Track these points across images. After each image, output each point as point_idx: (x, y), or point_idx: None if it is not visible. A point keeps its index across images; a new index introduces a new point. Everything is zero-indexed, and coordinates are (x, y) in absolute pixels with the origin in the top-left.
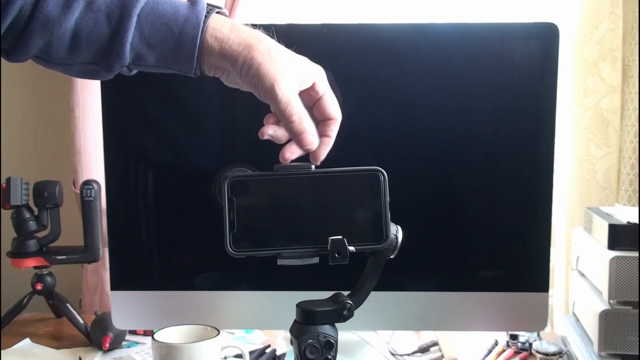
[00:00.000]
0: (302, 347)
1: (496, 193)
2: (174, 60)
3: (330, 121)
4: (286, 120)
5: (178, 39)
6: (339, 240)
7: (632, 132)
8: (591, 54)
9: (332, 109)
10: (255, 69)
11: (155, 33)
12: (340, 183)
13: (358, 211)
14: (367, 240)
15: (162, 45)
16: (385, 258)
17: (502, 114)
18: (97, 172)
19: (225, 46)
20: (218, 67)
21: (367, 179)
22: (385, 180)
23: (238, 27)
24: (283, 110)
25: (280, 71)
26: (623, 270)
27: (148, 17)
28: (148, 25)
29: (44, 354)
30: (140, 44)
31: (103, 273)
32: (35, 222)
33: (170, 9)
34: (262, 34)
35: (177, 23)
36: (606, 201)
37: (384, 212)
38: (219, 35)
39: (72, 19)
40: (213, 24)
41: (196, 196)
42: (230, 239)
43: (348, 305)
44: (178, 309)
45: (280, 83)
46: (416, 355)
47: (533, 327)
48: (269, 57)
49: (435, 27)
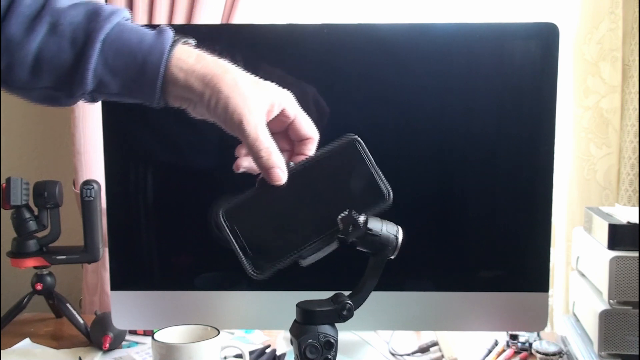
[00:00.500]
0: (302, 347)
1: (496, 193)
2: (137, 88)
3: (307, 140)
4: (255, 156)
5: (142, 67)
6: (347, 215)
7: (632, 132)
8: (591, 54)
9: (306, 129)
10: (223, 103)
11: (119, 60)
12: (324, 166)
13: (352, 183)
14: (373, 204)
15: (126, 73)
16: (385, 258)
17: (502, 114)
18: (97, 172)
19: (190, 78)
20: (184, 98)
21: (345, 151)
22: (362, 144)
23: (203, 57)
24: (251, 145)
25: (248, 104)
26: (623, 270)
27: (112, 44)
28: (112, 52)
29: (44, 354)
30: (104, 70)
31: (103, 273)
32: (35, 222)
33: (135, 37)
34: (228, 63)
35: (141, 51)
36: (606, 201)
37: (374, 173)
38: (183, 65)
39: (34, 42)
40: (178, 54)
41: (196, 196)
42: (249, 265)
43: (348, 305)
44: (178, 309)
45: (249, 117)
46: (416, 355)
47: (533, 327)
48: (235, 89)
49: (435, 27)
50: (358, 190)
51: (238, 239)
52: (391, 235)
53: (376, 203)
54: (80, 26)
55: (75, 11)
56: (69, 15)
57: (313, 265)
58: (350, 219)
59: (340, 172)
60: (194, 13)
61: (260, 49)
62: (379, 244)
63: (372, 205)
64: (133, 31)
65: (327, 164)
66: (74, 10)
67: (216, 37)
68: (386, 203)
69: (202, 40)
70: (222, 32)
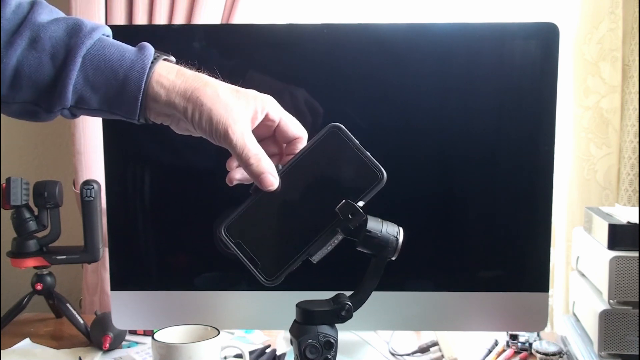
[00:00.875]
0: (302, 347)
1: (496, 193)
2: (117, 104)
3: (296, 140)
4: (244, 164)
5: (123, 83)
6: (344, 204)
7: (632, 132)
8: (591, 54)
9: (293, 130)
10: (207, 116)
11: (99, 76)
12: (311, 161)
13: (343, 171)
14: (369, 187)
15: (106, 89)
16: (386, 259)
17: (502, 114)
18: (97, 172)
19: (171, 94)
20: (166, 114)
21: (329, 141)
22: (344, 131)
23: (183, 73)
24: (240, 154)
25: (232, 114)
26: (623, 270)
27: (93, 60)
28: (93, 68)
29: (44, 354)
30: (84, 86)
31: (103, 273)
32: (35, 222)
33: (116, 53)
34: (207, 76)
35: (122, 67)
36: (606, 201)
37: (362, 156)
38: (164, 82)
39: (14, 56)
40: (159, 70)
41: (196, 196)
42: (260, 274)
43: (347, 306)
44: (178, 309)
45: (234, 127)
46: (416, 355)
47: (533, 327)
48: (217, 101)
49: (435, 27)
50: (350, 176)
51: (244, 251)
52: (391, 236)
53: (370, 185)
54: (60, 41)
55: (55, 26)
56: (49, 30)
57: (313, 265)
58: (347, 207)
59: (329, 163)
60: (194, 13)
61: (260, 49)
62: (379, 245)
63: (367, 188)
64: (114, 47)
65: (313, 158)
66: (54, 25)
67: (216, 37)
68: (380, 183)
69: (202, 40)
70: (222, 32)
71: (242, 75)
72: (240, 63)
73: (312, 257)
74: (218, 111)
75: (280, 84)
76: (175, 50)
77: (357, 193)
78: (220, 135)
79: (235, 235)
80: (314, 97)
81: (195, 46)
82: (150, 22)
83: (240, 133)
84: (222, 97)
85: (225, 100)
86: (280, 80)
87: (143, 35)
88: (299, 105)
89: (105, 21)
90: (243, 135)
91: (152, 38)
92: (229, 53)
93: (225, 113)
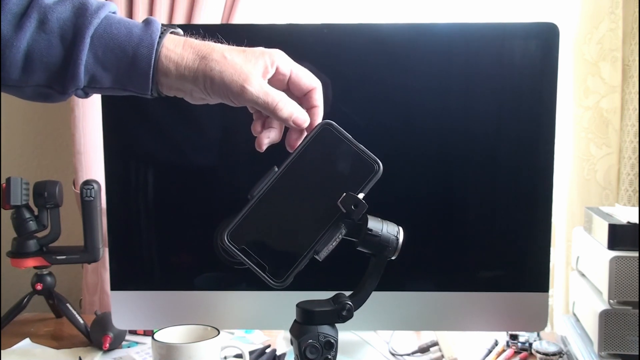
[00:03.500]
0: (302, 347)
1: (496, 193)
2: (129, 81)
3: (312, 91)
4: (271, 111)
5: (132, 60)
6: (345, 197)
7: (632, 132)
8: (591, 54)
9: (306, 80)
10: (219, 79)
11: (109, 54)
12: (307, 159)
13: (339, 166)
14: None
15: (117, 67)
16: (386, 259)
17: (502, 114)
18: (97, 172)
19: (180, 66)
20: (179, 88)
21: (322, 138)
22: (335, 126)
23: (191, 44)
24: (264, 104)
25: (244, 71)
26: (623, 270)
27: (101, 39)
28: (102, 47)
29: (44, 354)
30: (95, 65)
31: (103, 273)
32: (35, 222)
33: (124, 30)
34: (214, 43)
35: (131, 44)
36: (606, 201)
37: (356, 149)
38: (173, 56)
39: (24, 39)
40: (167, 45)
41: (196, 196)
42: (269, 277)
43: (348, 306)
44: (178, 309)
45: (249, 82)
46: (416, 355)
47: (533, 327)
48: (226, 63)
49: (435, 27)
50: (347, 170)
51: (250, 256)
52: (392, 236)
53: (368, 176)
54: (68, 22)
55: (62, 7)
56: (56, 11)
57: (313, 265)
58: (349, 199)
59: (325, 159)
60: (194, 13)
61: None
62: (379, 245)
63: (365, 180)
64: (121, 24)
65: (309, 156)
66: (61, 5)
67: (216, 37)
68: (377, 174)
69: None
70: (222, 32)
71: None
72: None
73: (318, 255)
74: (229, 72)
75: None
76: None
77: (355, 186)
78: (237, 92)
79: (239, 241)
80: None
81: None
82: None
83: (257, 84)
84: (229, 58)
85: (233, 60)
86: None
87: None
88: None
89: None
90: (261, 86)
91: None
92: None
93: (237, 72)
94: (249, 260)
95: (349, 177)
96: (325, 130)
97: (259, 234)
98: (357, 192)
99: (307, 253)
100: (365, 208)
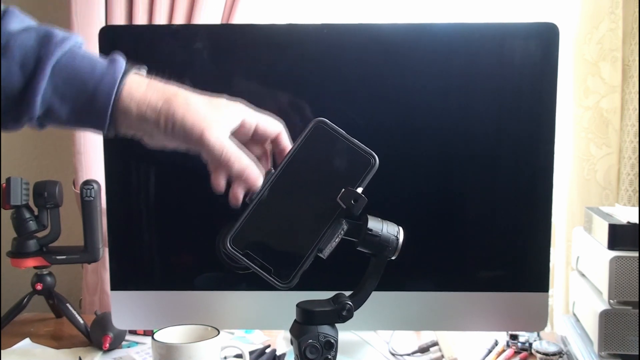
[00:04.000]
0: (302, 347)
1: (496, 193)
2: (86, 116)
3: (278, 136)
4: (225, 165)
5: (92, 95)
6: (345, 192)
7: (632, 132)
8: (591, 54)
9: (271, 128)
10: (180, 122)
11: (69, 87)
12: (302, 158)
13: (335, 162)
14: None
15: (76, 101)
16: (386, 259)
17: (502, 113)
18: (97, 172)
19: (142, 107)
20: (138, 128)
21: (315, 136)
22: (328, 123)
23: (154, 85)
24: (219, 156)
25: (207, 118)
26: (623, 270)
27: (63, 71)
28: (62, 78)
29: (44, 354)
30: (53, 96)
31: (103, 273)
32: (35, 222)
33: (87, 64)
34: (177, 87)
35: (92, 79)
36: (606, 201)
37: (350, 144)
38: (135, 95)
39: None
40: (129, 84)
41: (196, 196)
42: (274, 279)
43: (347, 306)
44: (178, 309)
45: (209, 130)
46: (416, 355)
47: (533, 327)
48: (189, 108)
49: (435, 27)
50: (343, 166)
51: (254, 260)
52: (392, 235)
53: (364, 170)
54: (30, 50)
55: (26, 35)
56: (19, 38)
57: (313, 265)
58: (349, 194)
59: (320, 157)
60: (194, 13)
61: (260, 49)
62: (379, 245)
63: (362, 175)
64: (85, 58)
65: (304, 155)
66: (25, 34)
67: (216, 37)
68: (374, 167)
69: (202, 40)
70: (222, 32)
71: (242, 76)
72: (240, 63)
73: (322, 252)
74: (191, 117)
75: (280, 83)
76: (175, 50)
77: (353, 181)
78: (195, 138)
79: (242, 246)
80: (313, 97)
81: (195, 46)
82: (150, 22)
83: (217, 135)
84: (193, 104)
85: (197, 107)
86: (280, 80)
87: (143, 35)
88: (298, 105)
89: (105, 21)
90: (219, 137)
91: (152, 38)
92: (229, 53)
93: (200, 118)
94: (253, 264)
95: (346, 172)
96: (319, 128)
97: (261, 236)
98: (356, 186)
99: (311, 252)
100: (365, 202)
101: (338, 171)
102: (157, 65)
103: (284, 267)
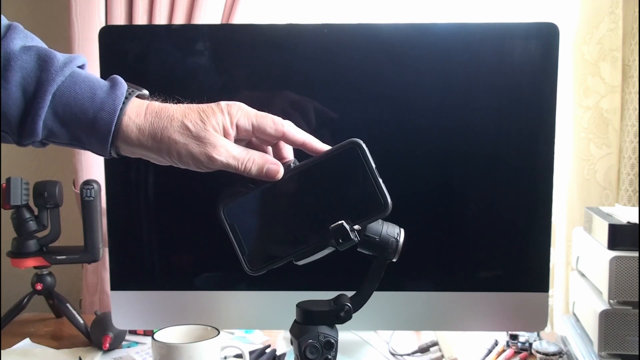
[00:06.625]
0: (302, 347)
1: (496, 193)
2: (87, 141)
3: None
4: (244, 172)
5: (92, 123)
6: (337, 227)
7: (632, 132)
8: (591, 54)
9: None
10: (185, 152)
11: (69, 113)
12: (324, 170)
13: (351, 189)
14: (369, 214)
15: (76, 126)
16: (386, 261)
17: (502, 114)
18: (97, 172)
19: (142, 137)
20: (142, 154)
21: (346, 156)
22: (364, 149)
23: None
24: (235, 168)
25: (208, 141)
26: (623, 270)
27: (63, 97)
28: (62, 104)
29: (44, 354)
30: (54, 121)
31: (103, 273)
32: (35, 222)
33: (87, 91)
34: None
35: (93, 106)
36: (606, 201)
37: (373, 181)
38: (135, 124)
39: None
40: (129, 112)
41: (196, 196)
42: (245, 261)
43: (346, 307)
44: (178, 309)
45: (215, 151)
46: (416, 355)
47: (533, 327)
48: (189, 135)
49: (435, 27)
50: (356, 197)
51: (236, 235)
52: (391, 237)
53: (372, 213)
54: (31, 74)
55: (27, 56)
56: (20, 59)
57: (313, 265)
58: (341, 230)
59: (340, 178)
60: (194, 13)
61: (260, 49)
62: (379, 247)
63: (368, 215)
64: (85, 83)
65: (327, 167)
66: (26, 54)
67: (216, 37)
68: (383, 214)
69: (203, 40)
70: (222, 32)
71: (242, 75)
72: (240, 63)
73: (296, 262)
74: (193, 144)
75: (280, 84)
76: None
77: (357, 217)
78: (204, 164)
79: (232, 217)
80: (314, 97)
81: (195, 46)
82: (150, 22)
83: (223, 151)
84: (191, 129)
85: (196, 130)
86: (280, 80)
87: (143, 35)
88: (298, 104)
89: (105, 21)
90: (227, 150)
91: (152, 38)
92: (229, 53)
93: (201, 143)
94: (233, 237)
95: (354, 204)
96: (352, 149)
97: (252, 219)
98: (355, 223)
99: (287, 258)
100: (353, 244)
101: (348, 199)
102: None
103: (257, 257)
